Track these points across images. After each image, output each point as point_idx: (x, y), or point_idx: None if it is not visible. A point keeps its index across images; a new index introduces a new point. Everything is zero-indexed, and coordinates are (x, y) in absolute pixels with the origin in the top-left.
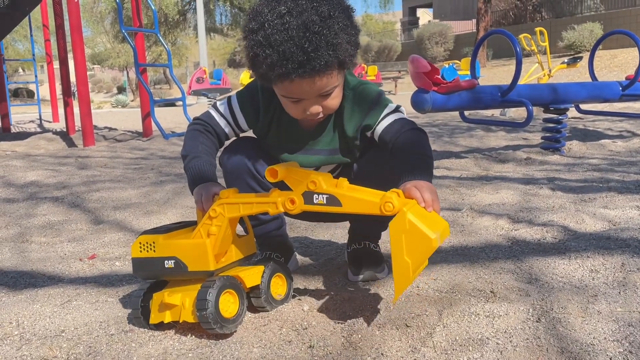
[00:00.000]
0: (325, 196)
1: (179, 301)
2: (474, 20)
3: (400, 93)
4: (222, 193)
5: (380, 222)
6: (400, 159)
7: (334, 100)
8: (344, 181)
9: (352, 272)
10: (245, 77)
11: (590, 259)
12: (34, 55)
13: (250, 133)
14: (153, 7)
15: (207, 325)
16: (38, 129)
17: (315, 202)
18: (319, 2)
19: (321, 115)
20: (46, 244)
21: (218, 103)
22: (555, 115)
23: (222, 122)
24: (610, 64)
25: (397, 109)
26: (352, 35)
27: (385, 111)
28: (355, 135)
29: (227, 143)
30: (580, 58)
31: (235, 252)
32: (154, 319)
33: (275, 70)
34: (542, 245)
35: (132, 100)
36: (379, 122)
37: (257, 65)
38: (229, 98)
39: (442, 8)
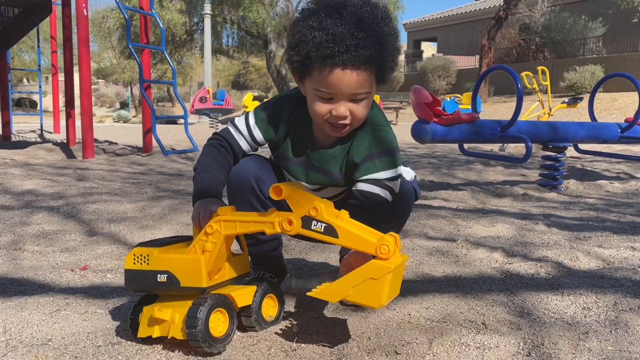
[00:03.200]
0: (324, 225)
1: (169, 317)
2: (477, 56)
3: (401, 123)
4: (219, 210)
5: None
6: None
7: (362, 110)
8: (344, 213)
9: None
10: (248, 99)
11: (583, 296)
12: (39, 66)
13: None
14: (161, 25)
15: (196, 344)
16: (38, 139)
17: (312, 228)
18: (375, 8)
19: (346, 122)
20: (39, 252)
21: (236, 119)
22: (554, 153)
23: (238, 137)
24: (610, 107)
25: (392, 180)
26: (397, 46)
27: (384, 175)
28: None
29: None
30: (581, 99)
31: (229, 270)
32: (142, 332)
33: (321, 50)
34: (535, 280)
35: (134, 116)
36: (368, 179)
37: (300, 48)
38: (247, 113)
39: (446, 42)
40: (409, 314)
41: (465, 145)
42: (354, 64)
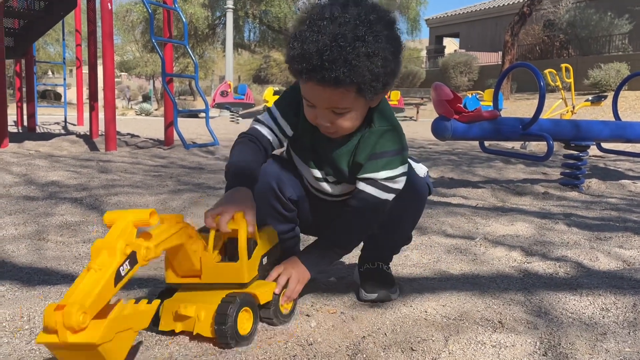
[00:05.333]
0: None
1: (194, 313)
2: (500, 53)
3: (421, 120)
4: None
5: (392, 247)
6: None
7: (346, 123)
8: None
9: (365, 290)
10: (269, 93)
11: (602, 297)
12: (64, 59)
13: None
14: (184, 20)
15: (224, 340)
16: (62, 131)
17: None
18: (365, 23)
19: (332, 131)
20: (62, 243)
21: (260, 116)
22: (576, 152)
23: (265, 131)
24: (635, 105)
25: (393, 179)
26: (378, 67)
27: (382, 175)
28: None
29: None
30: (605, 97)
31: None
32: (164, 325)
33: (293, 64)
34: (554, 279)
35: (156, 110)
36: (365, 178)
37: (286, 53)
38: (269, 108)
39: (468, 39)
40: (426, 311)
41: (486, 143)
42: (319, 82)
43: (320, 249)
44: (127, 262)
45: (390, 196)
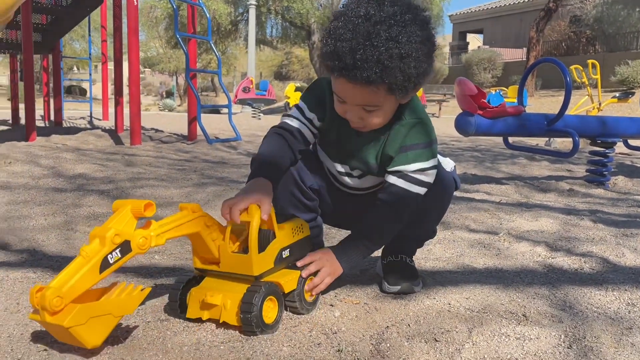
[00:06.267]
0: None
1: (220, 302)
2: (525, 49)
3: (444, 116)
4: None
5: (416, 240)
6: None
7: (375, 119)
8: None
9: (388, 283)
10: (290, 89)
11: (628, 292)
12: (90, 54)
13: None
14: (208, 15)
15: (249, 328)
16: (88, 126)
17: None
18: (400, 23)
19: (362, 126)
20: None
21: (289, 111)
22: (602, 149)
23: (294, 123)
24: None
25: (424, 171)
26: (410, 68)
27: (412, 167)
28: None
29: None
30: (633, 94)
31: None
32: (191, 313)
33: (326, 60)
34: (579, 274)
35: (179, 105)
36: (395, 170)
37: (321, 49)
38: (296, 103)
39: (492, 35)
40: (449, 303)
41: (510, 139)
42: (350, 80)
43: (352, 243)
44: (117, 251)
45: (421, 190)
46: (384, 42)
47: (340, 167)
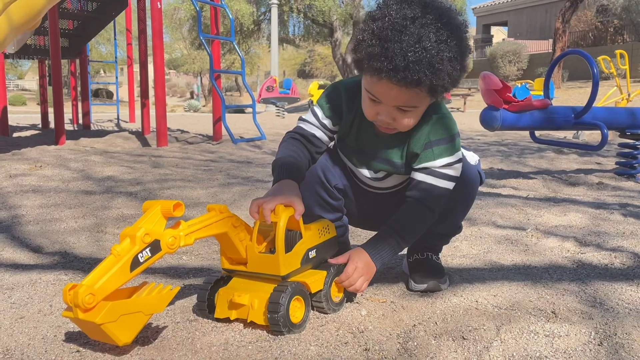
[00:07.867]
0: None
1: (248, 301)
2: (550, 40)
3: (469, 110)
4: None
5: (442, 236)
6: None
7: (408, 121)
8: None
9: (414, 281)
10: (314, 87)
11: None
12: (116, 58)
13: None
14: (230, 16)
15: (277, 328)
16: (115, 128)
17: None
18: (446, 26)
19: (391, 127)
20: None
21: (304, 115)
22: (632, 141)
23: (309, 127)
24: None
25: (450, 166)
26: (455, 70)
27: (439, 163)
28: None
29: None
30: None
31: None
32: (219, 313)
33: (371, 61)
34: (609, 270)
35: (204, 106)
36: (422, 167)
37: (358, 49)
38: (312, 107)
39: (517, 27)
40: (476, 301)
41: (537, 133)
42: (399, 82)
43: (384, 241)
44: (147, 250)
45: (449, 184)
46: (435, 44)
47: (364, 172)
